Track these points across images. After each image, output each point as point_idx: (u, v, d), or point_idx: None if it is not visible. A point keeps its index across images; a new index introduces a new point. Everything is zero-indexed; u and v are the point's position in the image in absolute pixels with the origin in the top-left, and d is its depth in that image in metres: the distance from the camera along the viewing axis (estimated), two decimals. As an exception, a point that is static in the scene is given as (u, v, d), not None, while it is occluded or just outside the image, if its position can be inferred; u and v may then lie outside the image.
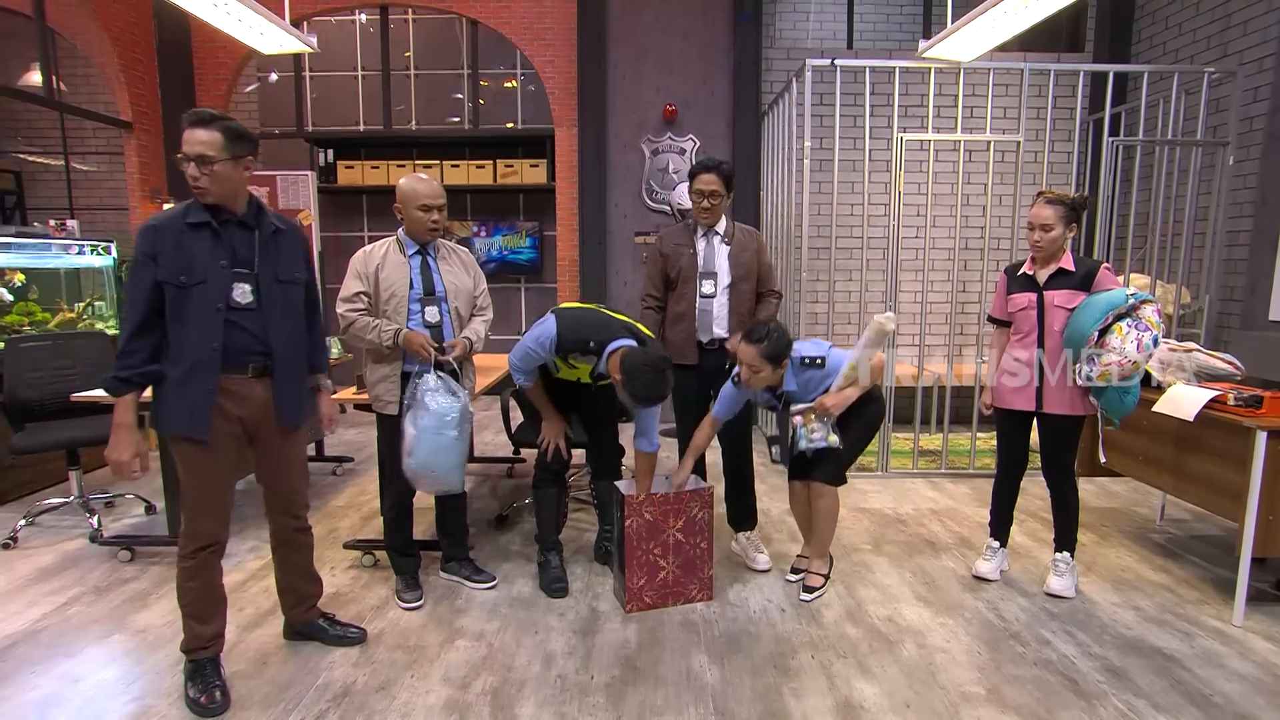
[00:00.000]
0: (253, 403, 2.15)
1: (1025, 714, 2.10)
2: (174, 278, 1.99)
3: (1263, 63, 4.58)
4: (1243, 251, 4.63)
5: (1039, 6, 3.19)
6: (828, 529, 2.87)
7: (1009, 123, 5.63)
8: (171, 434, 2.07)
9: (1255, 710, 2.13)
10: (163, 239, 1.99)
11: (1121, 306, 2.58)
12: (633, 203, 5.98)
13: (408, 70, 6.91)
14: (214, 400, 2.07)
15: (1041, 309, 2.75)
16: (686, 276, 3.02)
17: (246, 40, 3.80)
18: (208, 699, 2.09)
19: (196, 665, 2.16)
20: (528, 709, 2.11)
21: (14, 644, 2.47)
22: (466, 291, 2.75)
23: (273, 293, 2.14)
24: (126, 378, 2.01)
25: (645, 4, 5.81)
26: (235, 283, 2.07)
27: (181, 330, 2.02)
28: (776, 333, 2.61)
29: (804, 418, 2.73)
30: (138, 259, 2.00)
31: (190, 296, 2.01)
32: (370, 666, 2.32)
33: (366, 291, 2.61)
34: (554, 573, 2.91)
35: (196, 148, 1.96)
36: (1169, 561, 3.19)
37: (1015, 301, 2.83)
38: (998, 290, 2.96)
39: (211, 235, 2.05)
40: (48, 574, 3.01)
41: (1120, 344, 2.55)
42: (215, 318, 2.04)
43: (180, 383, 2.04)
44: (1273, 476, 2.50)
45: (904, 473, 4.49)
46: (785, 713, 2.10)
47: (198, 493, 2.12)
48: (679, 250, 3.04)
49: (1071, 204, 2.70)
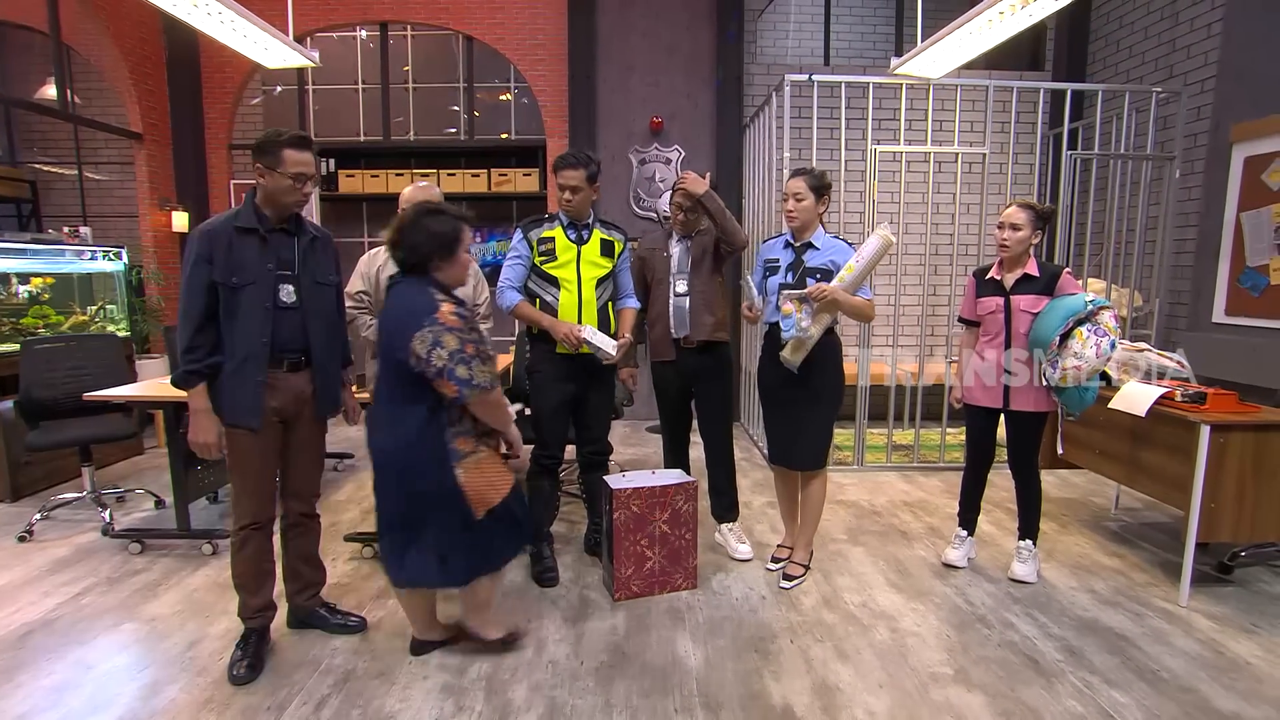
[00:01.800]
0: (289, 394, 2.24)
1: (990, 692, 2.12)
2: (227, 279, 2.08)
3: (1205, 84, 4.66)
4: (1189, 258, 4.70)
5: (1002, 27, 3.22)
6: (815, 513, 2.90)
7: (975, 136, 5.68)
8: (229, 423, 2.16)
9: (1197, 683, 2.17)
10: (216, 243, 2.08)
11: (1081, 312, 2.59)
12: (621, 210, 5.98)
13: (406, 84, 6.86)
14: (263, 391, 2.16)
15: (1008, 313, 2.78)
16: (660, 278, 3.04)
17: (252, 55, 3.76)
18: (236, 668, 2.18)
19: (244, 634, 2.28)
20: (520, 693, 2.11)
21: (30, 632, 2.45)
22: (465, 297, 2.74)
23: (312, 294, 2.24)
24: (196, 370, 2.10)
25: (633, 22, 5.80)
26: (280, 284, 2.17)
27: (233, 326, 2.11)
28: (820, 171, 2.78)
29: (794, 304, 2.61)
30: (194, 261, 2.08)
31: (242, 295, 2.10)
32: (370, 653, 2.31)
33: (367, 291, 2.70)
34: (545, 563, 2.90)
35: (310, 168, 2.15)
36: (1122, 547, 3.24)
37: (984, 305, 2.86)
38: (967, 292, 2.98)
39: (259, 240, 2.14)
40: (62, 565, 2.98)
41: (1080, 349, 2.57)
42: (265, 315, 2.14)
43: (233, 374, 2.13)
44: (1215, 467, 2.54)
45: (878, 466, 4.52)
46: (766, 694, 2.11)
47: (245, 475, 2.22)
48: (654, 254, 3.08)
49: (1040, 212, 2.74)
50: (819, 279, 2.66)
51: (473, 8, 6.03)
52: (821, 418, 2.81)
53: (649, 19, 5.79)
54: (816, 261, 2.74)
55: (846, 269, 2.62)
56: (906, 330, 5.67)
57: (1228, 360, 4.02)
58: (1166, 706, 2.06)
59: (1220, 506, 2.57)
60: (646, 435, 5.46)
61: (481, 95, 6.81)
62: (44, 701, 2.06)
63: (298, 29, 5.60)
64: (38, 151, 7.37)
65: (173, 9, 3.15)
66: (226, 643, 2.35)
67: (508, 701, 2.07)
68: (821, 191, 2.73)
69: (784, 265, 2.79)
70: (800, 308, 2.60)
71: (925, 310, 4.52)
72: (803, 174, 2.75)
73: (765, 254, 2.91)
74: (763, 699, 2.09)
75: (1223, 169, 4.26)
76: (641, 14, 5.79)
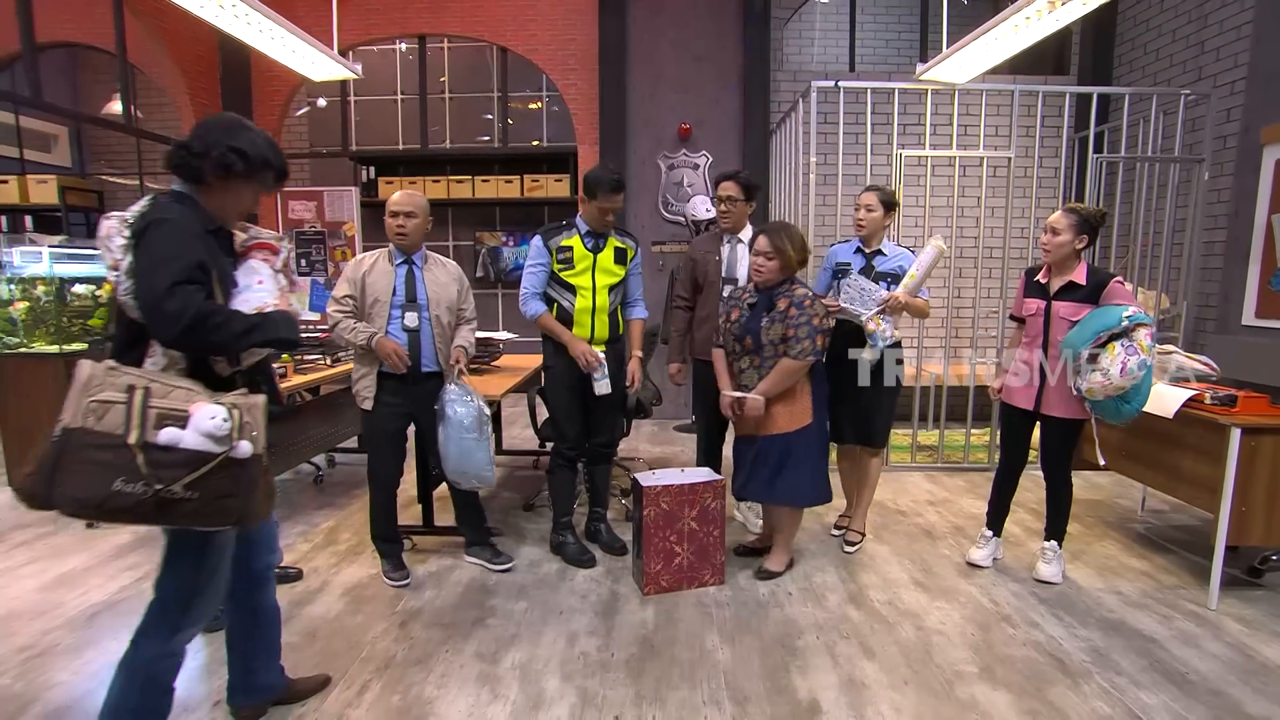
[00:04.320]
0: None
1: (1015, 691, 2.08)
2: None
3: (1234, 85, 4.51)
4: (1218, 261, 4.55)
5: (1027, 33, 3.15)
6: (874, 486, 3.16)
7: (1000, 140, 5.56)
8: None
9: (1227, 687, 2.10)
10: None
11: (1115, 328, 2.47)
12: (650, 214, 5.97)
13: (443, 94, 6.95)
14: None
15: (1048, 317, 2.70)
16: (711, 280, 3.05)
17: (299, 69, 3.84)
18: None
19: None
20: (553, 683, 2.12)
21: (98, 613, 2.53)
22: (450, 301, 2.75)
23: None
24: None
25: (662, 30, 5.79)
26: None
27: None
28: (890, 189, 3.02)
29: (875, 321, 2.84)
30: None
31: None
32: (409, 642, 2.34)
33: (353, 295, 2.66)
34: (574, 548, 2.96)
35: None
36: (1149, 550, 3.15)
37: (1027, 305, 2.79)
38: (1019, 290, 2.90)
39: None
40: (125, 551, 3.07)
41: (1108, 365, 2.46)
42: None
43: None
44: (1246, 470, 2.46)
45: (903, 466, 4.45)
46: (792, 688, 2.10)
47: None
48: (706, 257, 3.08)
49: (1084, 216, 2.63)
50: (889, 282, 2.90)
51: (506, 19, 6.07)
52: (890, 401, 3.04)
53: (678, 28, 5.78)
54: (886, 266, 2.95)
55: (909, 276, 2.86)
56: (932, 332, 5.58)
57: (1258, 363, 3.88)
58: (1196, 709, 2.00)
59: (1251, 510, 2.48)
60: (674, 434, 5.45)
61: (514, 104, 6.86)
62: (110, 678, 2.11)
63: (341, 43, 5.70)
64: (104, 163, 7.62)
65: (229, 27, 3.23)
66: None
67: (540, 690, 2.08)
68: (890, 206, 2.97)
69: (855, 269, 2.98)
70: (880, 321, 2.84)
71: (950, 312, 4.44)
72: (875, 190, 2.98)
73: (836, 257, 3.10)
74: (789, 693, 2.07)
75: (1253, 171, 4.11)
76: (671, 23, 5.78)
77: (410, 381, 2.67)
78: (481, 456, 2.61)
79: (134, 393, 1.38)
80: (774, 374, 2.61)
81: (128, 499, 1.35)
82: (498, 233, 6.87)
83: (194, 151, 1.57)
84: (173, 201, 1.57)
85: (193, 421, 1.39)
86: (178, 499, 1.38)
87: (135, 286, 1.46)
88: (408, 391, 2.68)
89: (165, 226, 1.48)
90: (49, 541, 3.18)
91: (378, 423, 2.71)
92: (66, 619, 2.47)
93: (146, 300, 1.44)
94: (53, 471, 1.34)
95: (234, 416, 1.43)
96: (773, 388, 2.62)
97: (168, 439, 1.37)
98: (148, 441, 1.37)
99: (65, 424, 1.35)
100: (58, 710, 1.97)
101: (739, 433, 2.82)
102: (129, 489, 1.35)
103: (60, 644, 2.31)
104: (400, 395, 2.68)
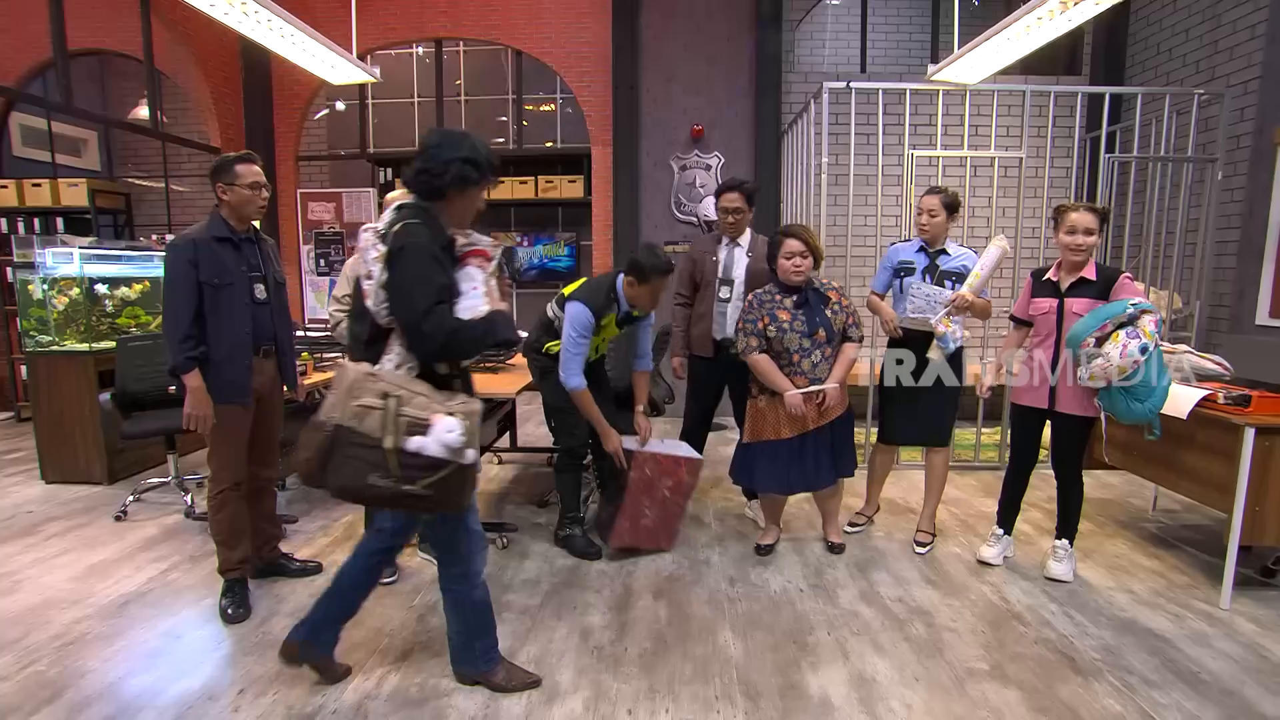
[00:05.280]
0: (264, 376, 2.55)
1: (1026, 688, 2.06)
2: (211, 279, 2.35)
3: (1248, 85, 4.44)
4: (1231, 260, 4.48)
5: (1039, 33, 3.12)
6: (941, 485, 3.14)
7: (1012, 140, 5.51)
8: (222, 401, 2.41)
9: (1240, 687, 2.08)
10: (200, 250, 2.35)
11: (1121, 315, 2.46)
12: (662, 214, 5.97)
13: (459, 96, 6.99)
14: (250, 374, 2.45)
15: (1061, 315, 2.66)
16: (708, 280, 3.14)
17: (319, 73, 3.87)
18: (233, 610, 2.43)
19: (229, 584, 2.50)
20: (567, 676, 2.13)
21: (128, 602, 2.57)
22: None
23: (275, 291, 2.56)
24: (194, 357, 2.34)
25: (675, 33, 5.79)
26: (254, 283, 2.47)
27: (219, 320, 2.38)
28: (952, 191, 2.99)
29: (945, 322, 2.86)
30: (184, 266, 2.32)
31: (224, 294, 2.38)
32: (427, 635, 2.36)
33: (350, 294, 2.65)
34: (581, 541, 2.99)
35: (261, 177, 2.45)
36: (1161, 549, 3.11)
37: (1037, 305, 2.74)
38: (1023, 292, 2.86)
39: (233, 247, 2.43)
40: (152, 543, 3.12)
41: (1110, 349, 2.44)
42: (245, 310, 2.43)
43: (225, 361, 2.40)
44: (1259, 470, 2.42)
45: (914, 465, 4.42)
46: (803, 684, 2.09)
47: (229, 445, 2.48)
48: (704, 257, 3.14)
49: (1103, 212, 2.62)
50: (954, 281, 2.92)
51: (521, 24, 6.09)
52: (956, 399, 3.05)
53: (690, 31, 5.77)
54: (950, 265, 2.97)
55: (973, 275, 2.86)
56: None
57: (1272, 362, 3.82)
58: (1208, 709, 1.97)
59: (1265, 510, 2.45)
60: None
61: (529, 106, 6.88)
62: (139, 665, 2.16)
63: (360, 47, 5.74)
64: (131, 167, 7.73)
65: (251, 32, 3.26)
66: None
67: (555, 684, 2.09)
68: (953, 209, 2.97)
69: (920, 268, 3.02)
70: (949, 322, 2.87)
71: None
72: (937, 193, 2.98)
73: (898, 255, 3.08)
74: (801, 689, 2.07)
75: (1267, 171, 4.05)
76: (683, 26, 5.77)
77: None
78: None
79: (388, 400, 1.63)
80: (843, 361, 2.82)
81: (380, 491, 1.64)
82: (513, 233, 6.89)
83: (434, 172, 1.75)
84: (418, 220, 1.73)
85: (434, 432, 1.62)
86: (417, 495, 1.64)
87: (391, 302, 1.69)
88: None
89: (418, 252, 1.68)
90: (80, 533, 3.23)
91: None
92: (98, 608, 2.52)
93: (406, 319, 1.68)
94: (325, 461, 1.65)
95: (466, 428, 1.65)
96: (844, 373, 2.81)
97: (416, 447, 1.62)
98: (400, 448, 1.62)
99: (337, 420, 1.64)
100: (89, 698, 2.00)
101: (793, 431, 2.80)
102: (381, 483, 1.63)
103: (91, 632, 2.35)
104: None
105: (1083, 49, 5.89)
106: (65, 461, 3.98)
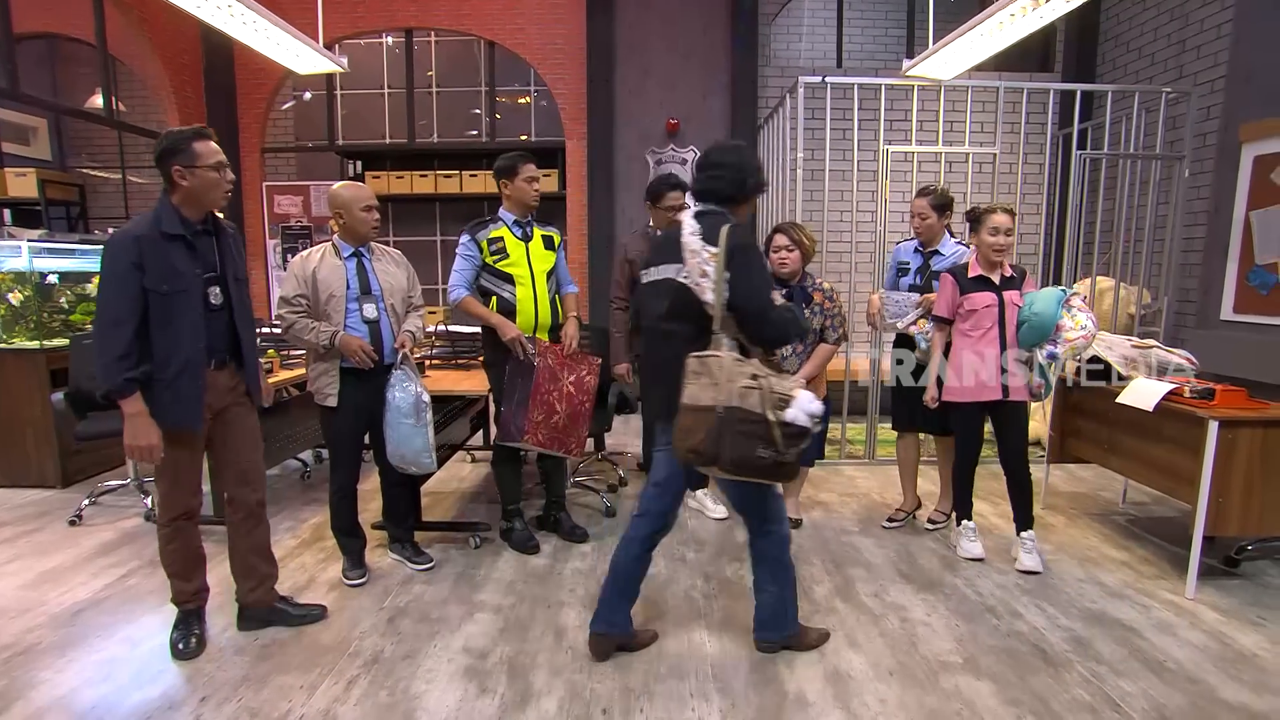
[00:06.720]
0: (218, 390, 2.19)
1: (999, 681, 2.10)
2: (158, 286, 1.99)
3: (1214, 84, 4.56)
4: (1198, 256, 4.61)
5: (1013, 29, 3.17)
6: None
7: (986, 136, 5.59)
8: (170, 427, 2.06)
9: (1204, 674, 2.14)
10: (146, 250, 1.98)
11: (1063, 299, 2.74)
12: (637, 209, 5.96)
13: (430, 88, 6.90)
14: (203, 393, 2.10)
15: (1002, 308, 2.80)
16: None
17: (284, 62, 3.80)
18: (184, 644, 2.21)
19: (183, 615, 2.28)
20: (541, 677, 2.12)
21: (81, 610, 2.50)
22: (401, 289, 2.73)
23: (235, 292, 2.20)
24: (134, 378, 1.99)
25: (650, 26, 5.78)
26: (209, 287, 2.12)
27: (167, 333, 2.02)
28: (943, 190, 3.09)
29: (917, 325, 3.04)
30: (125, 268, 1.96)
31: (174, 302, 2.02)
32: (397, 636, 2.34)
33: (305, 294, 2.56)
34: (521, 534, 3.03)
35: (222, 155, 2.11)
36: (1130, 541, 3.19)
37: (974, 300, 2.82)
38: (947, 291, 2.88)
39: (186, 245, 2.06)
40: (109, 549, 3.04)
41: (1085, 320, 2.71)
42: (198, 320, 2.07)
43: (174, 380, 2.03)
44: (1223, 462, 2.50)
45: (889, 460, 4.47)
46: (779, 680, 2.11)
47: (179, 471, 2.16)
48: (640, 256, 3.07)
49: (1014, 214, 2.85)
50: None
51: (494, 14, 6.04)
52: None
53: (666, 24, 5.77)
54: (941, 265, 3.05)
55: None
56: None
57: (1236, 357, 3.94)
58: (1173, 697, 2.03)
59: (1228, 501, 2.52)
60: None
61: (502, 98, 6.82)
62: (95, 675, 2.11)
63: (327, 36, 5.64)
64: (86, 157, 7.51)
65: (211, 19, 3.19)
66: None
67: (529, 685, 2.08)
68: (944, 209, 3.07)
69: (914, 268, 3.18)
70: (924, 324, 3.01)
71: (935, 307, 4.46)
72: (927, 194, 3.08)
73: (899, 256, 3.29)
74: (776, 685, 2.08)
75: (1232, 168, 4.17)
76: (659, 19, 5.77)
77: (376, 374, 2.60)
78: (419, 442, 2.59)
79: (760, 380, 1.82)
80: (817, 358, 2.94)
81: (762, 461, 1.82)
82: (486, 228, 6.84)
83: (745, 179, 2.05)
84: (732, 222, 1.98)
85: (799, 404, 1.80)
86: (787, 462, 1.84)
87: (739, 294, 1.92)
88: (373, 384, 2.60)
89: (754, 253, 1.99)
90: (32, 539, 3.14)
91: (346, 419, 2.62)
92: (49, 616, 2.45)
93: (757, 308, 1.94)
94: (719, 439, 1.82)
95: None
96: (816, 370, 2.92)
97: (790, 418, 1.79)
98: (781, 420, 1.79)
99: (725, 404, 1.81)
100: (40, 710, 1.95)
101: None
102: (763, 454, 1.81)
103: (43, 642, 2.28)
104: (364, 389, 2.60)
105: (1055, 46, 6.01)
106: (15, 464, 3.87)
